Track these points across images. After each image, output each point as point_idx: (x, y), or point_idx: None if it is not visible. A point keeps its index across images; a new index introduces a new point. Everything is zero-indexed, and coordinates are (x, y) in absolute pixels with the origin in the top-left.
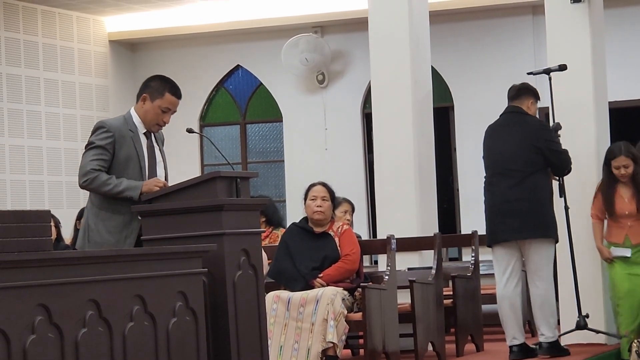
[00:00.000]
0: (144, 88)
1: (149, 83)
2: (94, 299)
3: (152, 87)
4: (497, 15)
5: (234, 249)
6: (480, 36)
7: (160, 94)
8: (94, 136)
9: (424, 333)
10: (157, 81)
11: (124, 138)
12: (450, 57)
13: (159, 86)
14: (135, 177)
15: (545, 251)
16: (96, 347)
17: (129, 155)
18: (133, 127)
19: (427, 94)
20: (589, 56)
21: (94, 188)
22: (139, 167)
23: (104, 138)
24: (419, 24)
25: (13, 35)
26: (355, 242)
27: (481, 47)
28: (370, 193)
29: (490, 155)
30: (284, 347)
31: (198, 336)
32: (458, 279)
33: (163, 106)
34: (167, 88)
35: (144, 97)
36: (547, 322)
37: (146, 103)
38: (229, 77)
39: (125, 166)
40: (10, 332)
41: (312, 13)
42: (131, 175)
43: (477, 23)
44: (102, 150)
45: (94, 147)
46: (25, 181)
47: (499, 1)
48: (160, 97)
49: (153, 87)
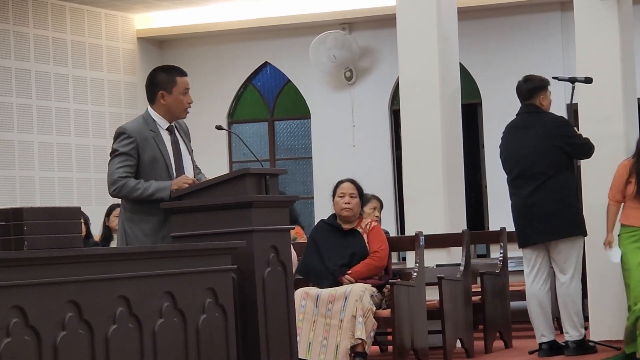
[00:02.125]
0: (154, 86)
1: (155, 80)
2: (124, 296)
3: (162, 81)
4: (525, 11)
5: (263, 245)
6: (509, 33)
7: (172, 82)
8: (116, 143)
9: (452, 330)
10: (162, 74)
11: (146, 140)
12: (479, 54)
13: (167, 76)
14: (162, 177)
15: (571, 249)
16: (126, 343)
17: (154, 156)
18: (154, 127)
19: (455, 91)
20: (617, 52)
21: (124, 195)
22: (165, 166)
23: (127, 144)
24: (447, 20)
25: (42, 32)
26: (383, 238)
27: (509, 44)
28: (398, 190)
29: (511, 157)
30: (313, 344)
31: (227, 332)
32: (486, 275)
33: (182, 90)
34: (174, 73)
35: (161, 94)
36: (571, 321)
37: (166, 98)
38: (257, 74)
39: (151, 167)
40: (41, 329)
41: (340, 10)
42: (159, 175)
43: (505, 20)
44: (127, 157)
45: (118, 155)
46: (54, 178)
47: None
48: (175, 85)
49: (163, 81)
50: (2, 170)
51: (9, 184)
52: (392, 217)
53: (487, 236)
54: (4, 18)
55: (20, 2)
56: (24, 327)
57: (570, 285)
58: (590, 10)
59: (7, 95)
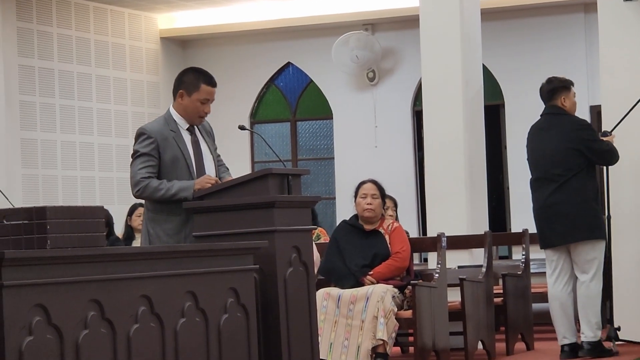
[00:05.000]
0: (179, 84)
1: (182, 78)
2: (146, 295)
3: (187, 81)
4: (549, 13)
5: (285, 246)
6: (532, 34)
7: (195, 87)
8: (137, 144)
9: (474, 331)
10: (191, 75)
11: (167, 140)
12: (502, 55)
13: (194, 79)
14: (184, 177)
15: (591, 252)
16: (148, 342)
17: (175, 156)
18: (174, 127)
19: (478, 92)
20: None
21: (148, 196)
22: (186, 165)
23: (147, 145)
24: (470, 21)
25: (65, 32)
26: (405, 239)
27: (532, 45)
28: (420, 191)
29: (533, 158)
30: (334, 344)
31: (249, 332)
32: (508, 277)
33: (201, 98)
34: (201, 80)
35: (180, 94)
36: (588, 322)
37: (184, 99)
38: (279, 75)
39: (173, 167)
40: (64, 327)
41: (363, 10)
42: (180, 175)
43: (528, 21)
44: (148, 157)
45: (139, 156)
46: (77, 177)
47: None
48: (196, 91)
49: (188, 82)
50: (25, 168)
51: (32, 182)
52: (414, 218)
53: (509, 238)
54: (28, 17)
55: (44, 1)
56: (46, 325)
57: (590, 286)
58: (614, 11)
59: (30, 94)
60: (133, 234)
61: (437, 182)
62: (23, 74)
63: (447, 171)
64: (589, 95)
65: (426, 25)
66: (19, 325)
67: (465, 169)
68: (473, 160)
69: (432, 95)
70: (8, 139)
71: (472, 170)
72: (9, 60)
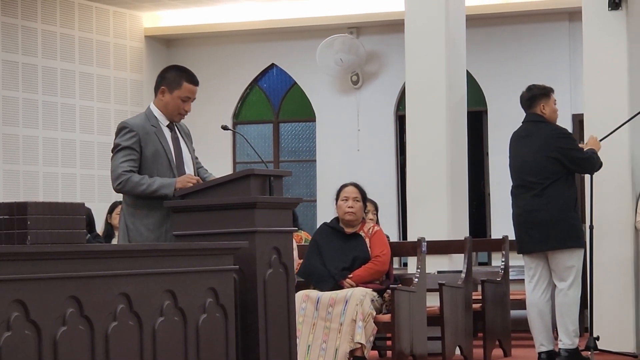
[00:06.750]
0: (161, 80)
1: (164, 75)
2: (125, 293)
3: (169, 78)
4: (533, 20)
5: (266, 247)
6: (516, 41)
7: (178, 84)
8: (119, 138)
9: (452, 337)
10: (173, 72)
11: (148, 135)
12: (486, 62)
13: (176, 77)
14: (164, 172)
15: (569, 260)
16: (126, 340)
17: (156, 150)
18: (155, 122)
19: (462, 98)
20: (625, 63)
21: (129, 190)
22: (167, 160)
23: (129, 138)
24: (455, 27)
25: (50, 28)
26: (385, 243)
27: (517, 53)
28: (401, 195)
29: (513, 165)
30: (312, 347)
31: (227, 333)
32: (487, 283)
33: (183, 96)
34: (184, 77)
35: (162, 90)
36: (565, 329)
37: (165, 95)
38: (263, 76)
39: (154, 162)
40: (42, 323)
41: (348, 14)
42: (160, 169)
43: (513, 28)
44: (130, 151)
45: (121, 149)
46: (58, 174)
47: (535, 7)
48: (178, 88)
49: (170, 79)
50: (7, 164)
51: (13, 178)
52: (395, 222)
53: (489, 244)
54: (13, 13)
55: None
56: (24, 321)
57: (567, 293)
58: (598, 20)
59: (13, 89)
60: (113, 231)
61: (418, 187)
62: (6, 70)
63: (428, 176)
64: (572, 104)
65: (411, 30)
66: None
67: (447, 174)
68: (455, 166)
69: (416, 100)
70: None
71: (453, 176)
72: None
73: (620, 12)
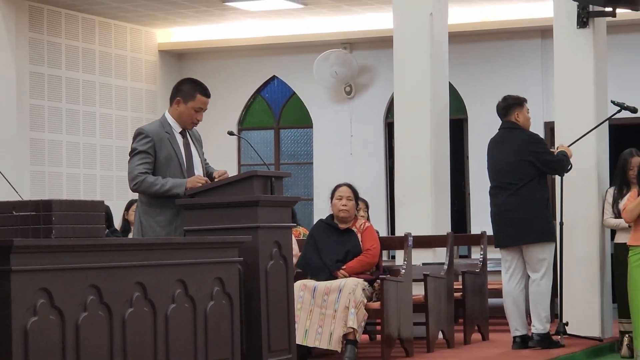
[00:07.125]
0: (177, 92)
1: (180, 87)
2: (140, 282)
3: (184, 90)
4: (509, 37)
5: (267, 241)
6: (494, 56)
7: (192, 96)
8: (135, 143)
9: (435, 322)
10: (188, 85)
11: (162, 140)
12: (466, 75)
13: (190, 89)
14: (176, 174)
15: (541, 253)
16: (141, 325)
17: (169, 155)
18: (169, 129)
19: (444, 107)
20: (592, 77)
21: (144, 190)
22: (178, 164)
23: (145, 143)
24: (439, 43)
25: (73, 43)
26: (375, 238)
27: (494, 66)
28: (389, 194)
29: (491, 168)
30: (309, 331)
31: (233, 318)
32: (467, 274)
33: (196, 107)
34: (197, 90)
35: (177, 101)
36: (538, 316)
37: (180, 105)
38: (265, 87)
39: (167, 165)
40: (65, 310)
41: (343, 30)
42: (172, 172)
43: (491, 44)
44: (145, 155)
45: (137, 153)
46: (80, 174)
47: (511, 25)
48: (192, 100)
49: (185, 91)
50: (34, 166)
51: (39, 178)
52: (384, 219)
53: (469, 239)
54: (39, 29)
55: (54, 15)
56: (49, 307)
57: (540, 283)
58: (568, 38)
59: (40, 98)
60: (129, 227)
61: (405, 187)
62: (33, 80)
63: (414, 177)
64: (544, 113)
65: (399, 45)
66: (24, 307)
67: (431, 176)
68: (438, 169)
69: (403, 109)
70: (18, 138)
71: (437, 178)
72: (21, 68)
73: (588, 30)
